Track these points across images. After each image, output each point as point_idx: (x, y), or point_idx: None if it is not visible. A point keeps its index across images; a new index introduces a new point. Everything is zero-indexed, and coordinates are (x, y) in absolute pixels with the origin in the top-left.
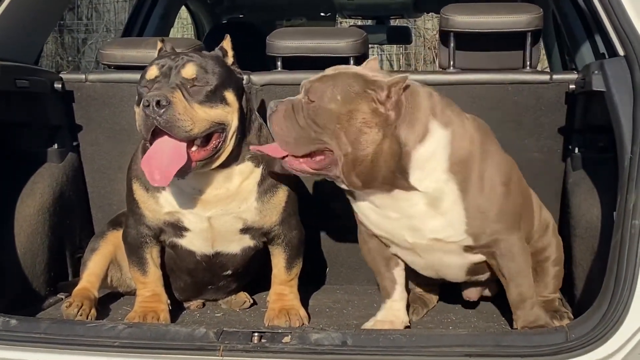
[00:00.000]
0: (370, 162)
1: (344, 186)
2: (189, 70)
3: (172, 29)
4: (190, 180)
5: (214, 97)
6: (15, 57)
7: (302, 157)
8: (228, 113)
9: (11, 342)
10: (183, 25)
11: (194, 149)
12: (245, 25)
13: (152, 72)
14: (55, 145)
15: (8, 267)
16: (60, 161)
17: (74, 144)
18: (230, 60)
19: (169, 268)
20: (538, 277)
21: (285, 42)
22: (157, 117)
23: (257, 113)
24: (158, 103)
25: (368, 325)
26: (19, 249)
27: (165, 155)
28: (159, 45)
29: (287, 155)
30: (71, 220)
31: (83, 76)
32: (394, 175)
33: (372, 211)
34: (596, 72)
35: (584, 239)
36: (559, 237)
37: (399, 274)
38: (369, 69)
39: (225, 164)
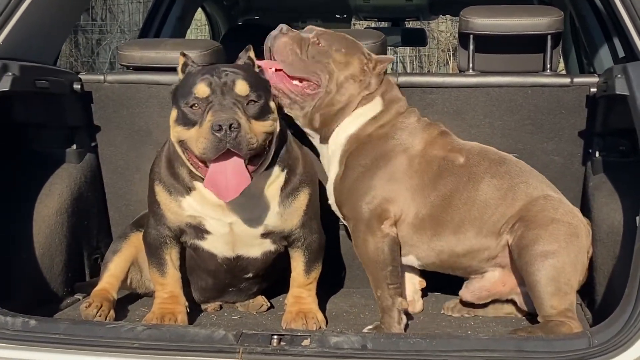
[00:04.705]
0: (340, 108)
1: (299, 122)
2: (242, 88)
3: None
4: None
5: (265, 110)
6: (35, 58)
7: (291, 77)
8: (274, 121)
9: (30, 342)
10: (197, 27)
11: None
12: (261, 27)
13: (203, 89)
14: (74, 146)
15: (26, 268)
16: (78, 162)
17: (92, 144)
18: (257, 69)
19: (190, 268)
20: (528, 287)
21: None
22: (231, 140)
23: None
24: (230, 126)
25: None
26: (37, 249)
27: (229, 174)
28: (182, 59)
29: (278, 70)
30: (89, 221)
31: (102, 77)
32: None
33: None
34: (619, 75)
35: (605, 244)
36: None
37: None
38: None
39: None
